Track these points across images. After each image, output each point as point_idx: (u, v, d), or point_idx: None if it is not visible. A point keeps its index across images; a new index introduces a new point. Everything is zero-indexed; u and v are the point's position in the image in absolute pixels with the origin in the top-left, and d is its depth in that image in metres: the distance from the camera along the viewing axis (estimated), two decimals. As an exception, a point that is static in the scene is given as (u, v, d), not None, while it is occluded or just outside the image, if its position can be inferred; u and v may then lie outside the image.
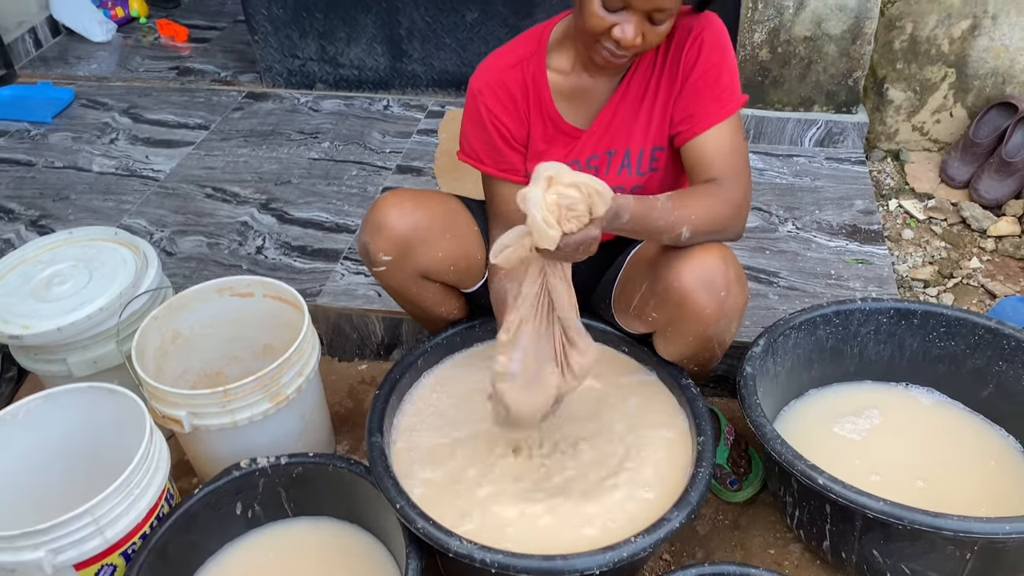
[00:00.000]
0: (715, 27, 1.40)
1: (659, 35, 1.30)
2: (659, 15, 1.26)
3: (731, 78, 1.40)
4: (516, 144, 1.50)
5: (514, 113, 1.47)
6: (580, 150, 1.49)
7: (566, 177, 1.15)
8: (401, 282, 1.56)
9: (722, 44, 1.39)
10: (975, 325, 1.63)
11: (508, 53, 1.48)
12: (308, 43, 2.94)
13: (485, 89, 1.46)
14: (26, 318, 1.64)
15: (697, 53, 1.38)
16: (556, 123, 1.48)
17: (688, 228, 1.31)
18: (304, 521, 1.59)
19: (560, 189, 1.14)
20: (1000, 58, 2.38)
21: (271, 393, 1.53)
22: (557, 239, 1.15)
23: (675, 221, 1.30)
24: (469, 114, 1.50)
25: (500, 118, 1.47)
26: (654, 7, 1.25)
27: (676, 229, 1.31)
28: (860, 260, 2.12)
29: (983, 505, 1.51)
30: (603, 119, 1.47)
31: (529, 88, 1.46)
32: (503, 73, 1.46)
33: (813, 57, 2.42)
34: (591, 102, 1.47)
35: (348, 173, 2.57)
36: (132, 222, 2.39)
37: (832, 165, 2.48)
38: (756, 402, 1.47)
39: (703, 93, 1.39)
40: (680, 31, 1.39)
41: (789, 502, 1.51)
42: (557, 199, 1.14)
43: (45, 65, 3.34)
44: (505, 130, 1.48)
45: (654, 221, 1.29)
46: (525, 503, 1.42)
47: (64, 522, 1.27)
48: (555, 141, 1.49)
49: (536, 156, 1.50)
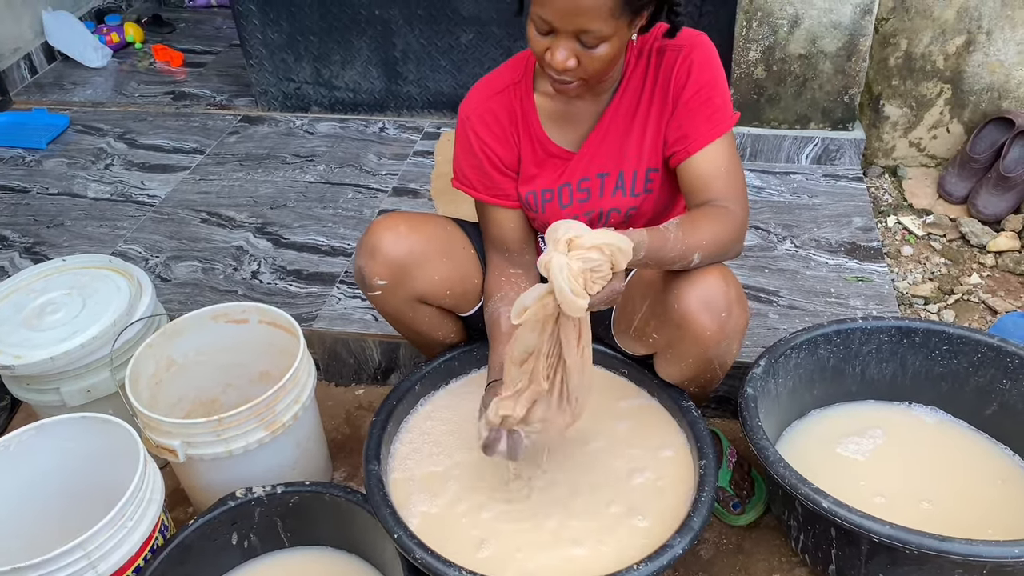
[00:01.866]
0: (704, 47, 1.39)
1: (599, 60, 1.26)
2: (586, 37, 1.23)
3: (723, 97, 1.39)
4: (506, 170, 1.49)
5: (503, 139, 1.47)
6: (571, 173, 1.48)
7: (587, 239, 1.13)
8: (397, 306, 1.54)
9: (712, 64, 1.39)
10: (978, 343, 1.62)
11: (495, 79, 1.48)
12: (303, 66, 2.94)
13: (473, 116, 1.47)
14: (18, 348, 1.63)
15: (687, 74, 1.37)
16: (545, 146, 1.47)
17: (699, 254, 1.30)
18: (301, 551, 1.57)
19: (583, 254, 1.12)
20: (996, 73, 2.39)
21: (266, 421, 1.51)
22: (585, 307, 1.14)
23: (686, 250, 1.29)
24: (459, 142, 1.50)
25: (489, 145, 1.47)
26: (578, 28, 1.22)
27: (688, 257, 1.30)
28: (860, 278, 2.10)
29: (990, 527, 1.48)
30: (593, 141, 1.46)
31: (517, 113, 1.46)
32: (490, 100, 1.46)
33: (808, 75, 2.42)
34: (579, 124, 1.46)
35: (344, 196, 2.56)
36: (127, 248, 2.38)
37: (829, 182, 2.47)
38: (758, 424, 1.45)
39: (696, 113, 1.38)
40: (669, 52, 1.39)
41: (794, 526, 1.49)
42: (582, 264, 1.12)
43: (40, 91, 3.34)
44: (495, 156, 1.48)
45: (668, 252, 1.27)
46: (528, 531, 1.40)
47: (55, 557, 1.24)
48: (545, 164, 1.48)
49: (528, 180, 1.50)
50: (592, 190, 1.48)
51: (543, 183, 1.49)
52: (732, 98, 2.46)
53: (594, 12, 1.20)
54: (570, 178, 1.48)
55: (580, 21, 1.21)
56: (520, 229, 1.55)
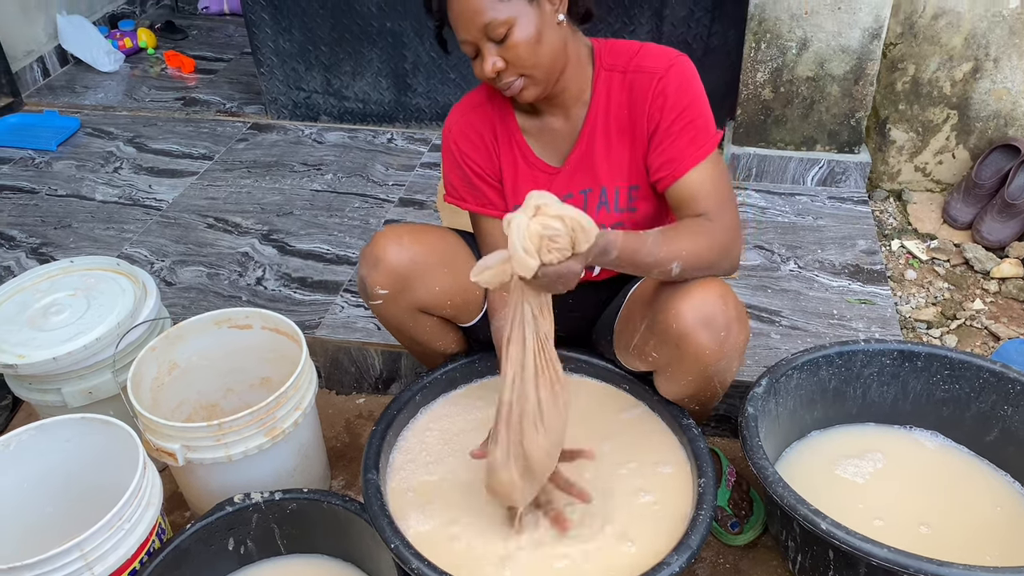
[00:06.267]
0: (680, 69, 1.38)
1: (520, 47, 1.29)
2: (493, 32, 1.28)
3: (704, 118, 1.40)
4: (490, 179, 1.52)
5: (482, 149, 1.50)
6: (556, 188, 1.49)
7: (553, 208, 1.14)
8: (398, 316, 1.55)
9: (690, 85, 1.39)
10: (980, 368, 1.62)
11: (474, 95, 1.52)
12: (313, 76, 2.96)
13: (454, 127, 1.51)
14: (22, 347, 1.63)
15: (663, 99, 1.38)
16: (529, 160, 1.50)
17: (678, 263, 1.30)
18: (297, 558, 1.57)
19: (545, 219, 1.14)
20: (1002, 100, 2.39)
21: (267, 427, 1.51)
22: (534, 268, 1.15)
23: (664, 257, 1.29)
24: (445, 155, 1.54)
25: (469, 155, 1.50)
26: (482, 28, 1.27)
27: (666, 265, 1.30)
28: (863, 300, 2.11)
29: (988, 553, 1.48)
30: (574, 157, 1.48)
31: (496, 125, 1.49)
32: (469, 113, 1.51)
33: (816, 97, 2.43)
34: (559, 141, 1.48)
35: (350, 205, 2.57)
36: (133, 251, 2.39)
37: (835, 204, 2.48)
38: (758, 443, 1.45)
39: (679, 137, 1.38)
40: (643, 76, 1.39)
41: (791, 546, 1.48)
42: (540, 228, 1.14)
43: (52, 94, 3.37)
44: (476, 166, 1.51)
45: (643, 257, 1.28)
46: (529, 548, 1.39)
47: (51, 557, 1.24)
48: (530, 179, 1.50)
49: (513, 194, 1.52)
50: (576, 207, 1.49)
51: None
52: (739, 118, 2.48)
53: (484, 2, 1.26)
54: (555, 194, 1.48)
55: (478, 20, 1.27)
56: None
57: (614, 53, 1.43)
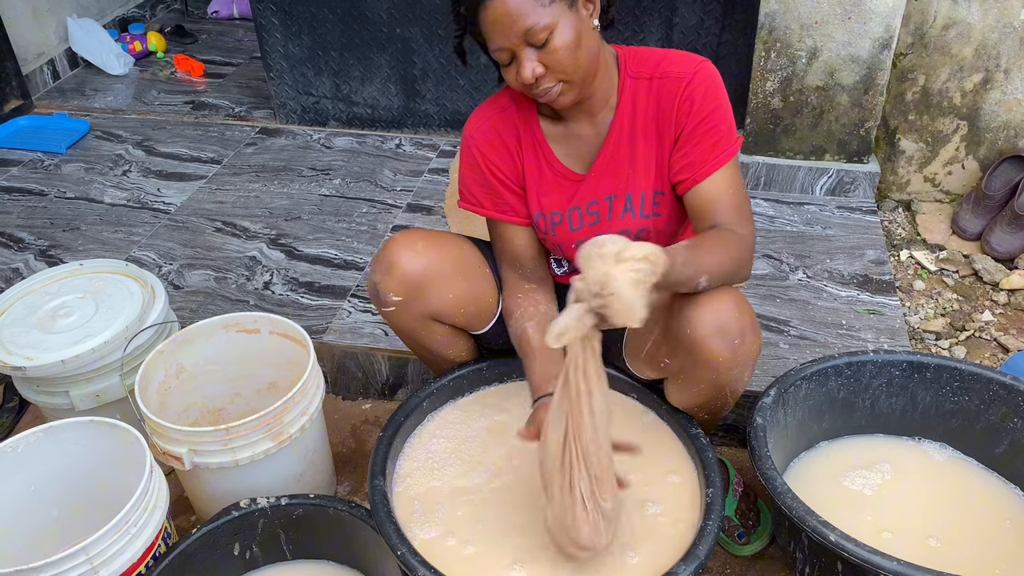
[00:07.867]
0: (707, 74, 1.39)
1: (561, 51, 1.28)
2: (534, 37, 1.26)
3: (727, 124, 1.40)
4: (512, 185, 1.51)
5: (505, 155, 1.49)
6: (581, 196, 1.48)
7: (635, 251, 1.11)
8: (410, 323, 1.54)
9: (716, 91, 1.39)
10: (989, 380, 1.61)
11: (497, 99, 1.50)
12: (323, 81, 2.96)
13: (476, 133, 1.49)
14: (30, 349, 1.63)
15: (690, 103, 1.38)
16: (554, 167, 1.49)
17: (706, 277, 1.29)
18: (303, 564, 1.56)
19: (634, 265, 1.11)
20: (1012, 112, 2.39)
21: (273, 432, 1.51)
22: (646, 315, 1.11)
23: (695, 272, 1.28)
24: (464, 159, 1.52)
25: (493, 160, 1.49)
26: (522, 33, 1.25)
27: (696, 279, 1.29)
28: (871, 310, 2.10)
29: (996, 567, 1.47)
30: (600, 164, 1.47)
31: (520, 131, 1.48)
32: (493, 118, 1.49)
33: (825, 107, 2.43)
34: (584, 146, 1.47)
35: (358, 210, 2.57)
36: (141, 254, 2.39)
37: (843, 214, 2.48)
38: (767, 453, 1.44)
39: (701, 142, 1.38)
40: (670, 80, 1.39)
41: (799, 558, 1.47)
42: (635, 275, 1.10)
43: (62, 96, 3.38)
44: (499, 172, 1.49)
45: (676, 275, 1.26)
46: (534, 559, 1.39)
47: (57, 560, 1.24)
48: (555, 186, 1.49)
49: (536, 201, 1.50)
50: (601, 213, 1.49)
51: (552, 206, 1.49)
52: (748, 127, 2.48)
53: (524, 7, 1.24)
54: (580, 202, 1.49)
55: (519, 25, 1.25)
56: (531, 245, 1.55)
57: (639, 60, 1.42)
